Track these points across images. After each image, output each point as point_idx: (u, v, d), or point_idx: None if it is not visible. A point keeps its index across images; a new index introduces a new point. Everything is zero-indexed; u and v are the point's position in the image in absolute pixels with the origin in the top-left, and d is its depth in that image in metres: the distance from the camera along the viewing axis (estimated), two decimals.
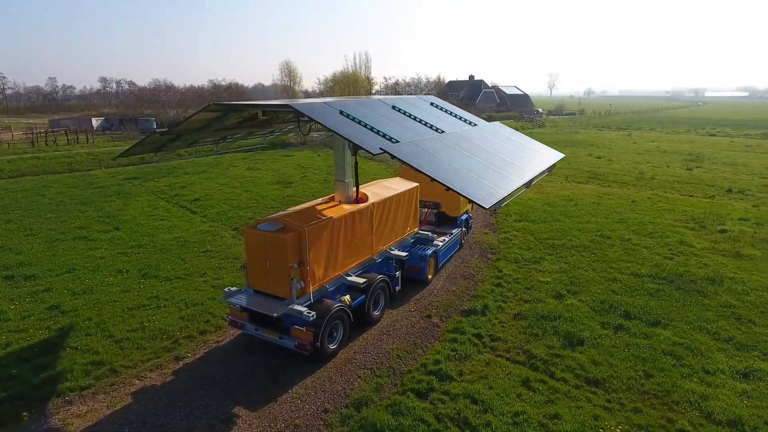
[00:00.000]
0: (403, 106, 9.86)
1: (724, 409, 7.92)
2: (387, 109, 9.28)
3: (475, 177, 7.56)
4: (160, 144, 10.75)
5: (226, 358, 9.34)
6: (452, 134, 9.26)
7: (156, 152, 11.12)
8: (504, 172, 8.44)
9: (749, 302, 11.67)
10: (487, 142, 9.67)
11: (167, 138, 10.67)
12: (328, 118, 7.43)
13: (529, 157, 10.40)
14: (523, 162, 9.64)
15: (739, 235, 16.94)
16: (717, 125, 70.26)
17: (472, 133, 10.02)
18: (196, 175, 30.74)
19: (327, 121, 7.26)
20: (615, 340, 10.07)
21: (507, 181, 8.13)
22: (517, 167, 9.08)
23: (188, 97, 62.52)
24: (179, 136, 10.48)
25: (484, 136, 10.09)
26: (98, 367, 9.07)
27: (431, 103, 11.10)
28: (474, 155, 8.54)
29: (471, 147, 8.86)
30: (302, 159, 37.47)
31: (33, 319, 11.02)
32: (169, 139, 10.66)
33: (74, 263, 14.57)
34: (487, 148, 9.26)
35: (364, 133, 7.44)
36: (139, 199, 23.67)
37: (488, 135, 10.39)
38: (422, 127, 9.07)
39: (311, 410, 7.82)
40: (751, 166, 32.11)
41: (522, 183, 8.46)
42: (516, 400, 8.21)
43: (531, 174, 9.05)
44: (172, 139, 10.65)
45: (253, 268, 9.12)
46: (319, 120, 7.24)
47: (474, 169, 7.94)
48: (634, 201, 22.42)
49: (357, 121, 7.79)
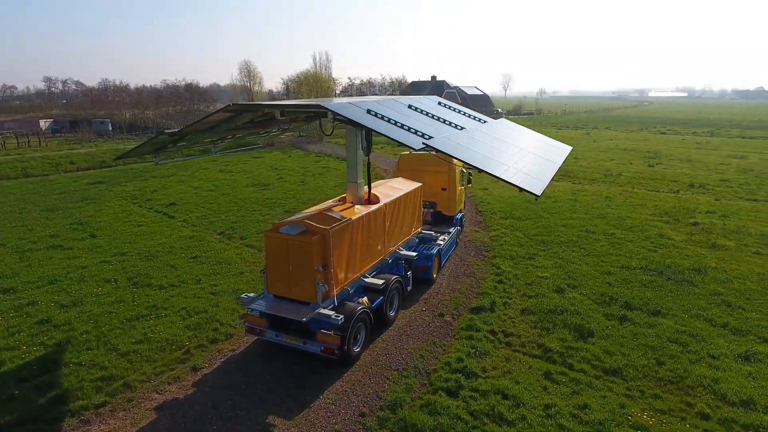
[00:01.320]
0: (418, 105, 9.89)
1: (736, 390, 8.41)
2: (404, 108, 9.28)
3: (513, 168, 7.72)
4: (161, 145, 10.31)
5: (246, 367, 9.05)
6: (473, 129, 9.42)
7: (156, 154, 10.64)
8: (537, 163, 8.71)
9: (734, 290, 12.45)
10: (507, 136, 9.89)
11: (170, 139, 10.24)
12: (361, 117, 7.35)
13: (548, 148, 10.75)
14: (546, 152, 9.98)
15: (710, 227, 18.02)
16: (665, 124, 74.29)
17: (489, 128, 10.22)
18: (165, 179, 29.59)
19: (363, 120, 7.19)
20: (622, 331, 10.48)
21: (542, 170, 8.38)
22: (541, 158, 9.38)
23: (145, 97, 60.01)
24: (183, 136, 10.09)
25: (502, 131, 10.33)
26: (109, 383, 8.58)
27: (438, 102, 11.20)
28: (504, 148, 8.73)
29: (494, 141, 9.04)
30: (273, 160, 36.78)
31: (23, 335, 10.30)
32: (173, 140, 10.24)
33: (54, 274, 13.71)
34: (511, 142, 9.48)
35: (396, 131, 7.42)
36: (110, 205, 22.54)
37: (504, 130, 10.64)
38: (441, 124, 9.13)
39: (348, 415, 7.71)
40: (705, 162, 34.20)
41: (555, 172, 8.77)
42: (543, 393, 8.41)
43: (558, 163, 9.40)
44: (176, 140, 10.23)
45: (274, 272, 8.88)
46: (355, 119, 7.15)
47: (509, 161, 8.11)
48: (608, 197, 23.41)
49: (387, 119, 7.75)
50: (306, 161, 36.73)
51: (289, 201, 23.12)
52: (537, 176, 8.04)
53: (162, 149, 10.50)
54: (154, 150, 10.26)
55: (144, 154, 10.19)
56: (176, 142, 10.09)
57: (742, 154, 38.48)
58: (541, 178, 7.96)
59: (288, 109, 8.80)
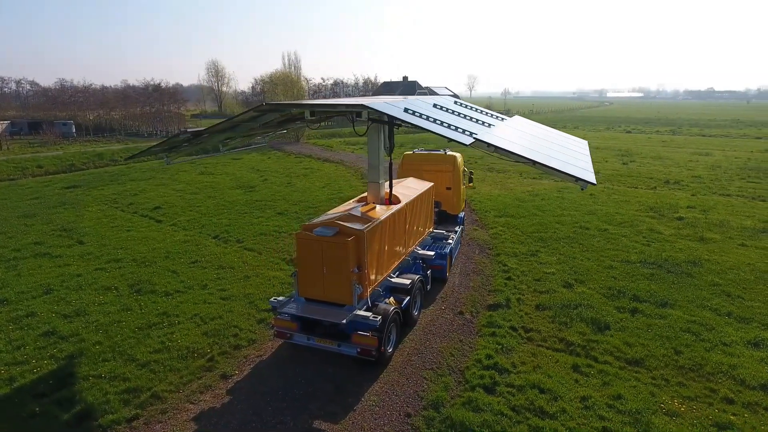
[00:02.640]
0: (443, 103, 9.94)
1: (753, 375, 8.85)
2: (430, 107, 9.32)
3: (557, 160, 7.91)
4: (177, 144, 10.01)
5: (279, 372, 8.87)
6: (500, 125, 9.57)
7: (169, 153, 10.30)
8: (570, 154, 8.96)
9: (730, 280, 13.08)
10: (533, 131, 10.15)
11: (182, 139, 9.95)
12: (404, 116, 7.34)
13: (571, 141, 11.08)
14: (572, 144, 10.30)
15: (694, 221, 18.87)
16: (629, 123, 77.29)
17: (513, 124, 10.41)
18: (144, 182, 28.61)
19: (409, 119, 7.18)
20: (636, 323, 10.85)
21: (580, 160, 8.64)
22: (572, 150, 9.68)
23: (110, 98, 57.68)
24: (198, 135, 9.81)
25: (525, 127, 10.57)
26: (136, 395, 8.24)
27: (455, 102, 11.29)
28: (538, 142, 8.93)
29: (525, 135, 9.26)
30: (253, 162, 36.15)
31: (29, 349, 9.75)
32: (186, 139, 9.94)
33: (48, 283, 13.05)
34: (540, 136, 9.74)
35: (444, 129, 7.44)
36: (91, 210, 21.61)
37: (526, 125, 10.90)
38: (468, 121, 9.21)
39: (394, 416, 7.67)
40: (674, 159, 35.77)
41: (589, 162, 9.06)
42: (576, 386, 8.60)
43: (587, 154, 9.72)
44: (189, 139, 9.94)
45: (307, 275, 8.72)
46: (403, 118, 7.14)
47: (551, 153, 8.31)
48: (592, 194, 24.14)
49: (425, 117, 7.76)
50: (287, 162, 36.27)
51: (279, 203, 22.77)
52: (581, 166, 8.26)
53: (176, 148, 10.18)
54: (168, 149, 9.94)
55: (158, 153, 9.84)
56: (193, 141, 9.79)
57: (707, 151, 40.47)
58: (586, 168, 8.19)
59: (320, 109, 8.67)
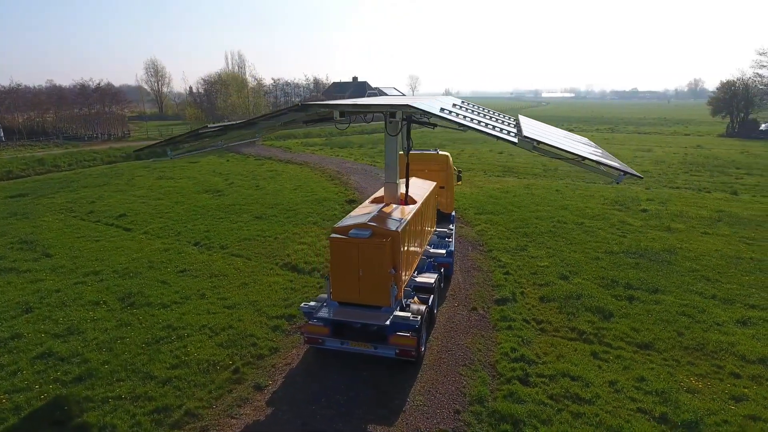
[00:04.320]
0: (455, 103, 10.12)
1: (750, 350, 9.69)
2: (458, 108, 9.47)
3: (596, 156, 8.28)
4: (179, 140, 9.57)
5: (314, 379, 8.66)
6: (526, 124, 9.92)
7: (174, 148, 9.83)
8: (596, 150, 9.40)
9: (706, 265, 14.21)
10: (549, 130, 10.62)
11: (185, 136, 9.52)
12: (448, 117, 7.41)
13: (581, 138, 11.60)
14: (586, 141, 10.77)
15: (657, 213, 20.29)
16: (569, 122, 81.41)
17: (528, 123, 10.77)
18: (99, 188, 26.79)
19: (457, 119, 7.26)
20: (636, 309, 11.54)
21: (608, 156, 9.08)
22: (591, 146, 10.19)
23: (43, 99, 53.28)
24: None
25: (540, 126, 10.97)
26: (168, 414, 7.77)
27: (462, 101, 11.50)
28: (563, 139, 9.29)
29: (548, 133, 9.61)
30: (212, 165, 34.79)
31: (27, 374, 8.92)
32: (188, 136, 9.52)
33: (26, 301, 11.99)
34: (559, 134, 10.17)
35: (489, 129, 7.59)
36: (47, 219, 19.98)
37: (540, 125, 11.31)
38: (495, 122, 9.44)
39: (445, 414, 7.72)
40: (621, 156, 38.07)
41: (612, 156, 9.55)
42: (601, 372, 9.05)
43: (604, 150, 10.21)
44: (192, 136, 9.52)
45: (341, 278, 8.56)
46: (448, 117, 7.21)
47: (581, 150, 8.69)
48: (558, 190, 25.32)
49: (462, 117, 7.88)
50: (248, 165, 35.21)
51: (254, 206, 22.11)
52: (615, 162, 8.71)
53: (181, 143, 9.73)
54: (195, 139, 9.49)
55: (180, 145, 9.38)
56: (193, 138, 9.38)
57: (648, 147, 43.55)
58: (620, 163, 8.64)
59: (353, 110, 8.55)
